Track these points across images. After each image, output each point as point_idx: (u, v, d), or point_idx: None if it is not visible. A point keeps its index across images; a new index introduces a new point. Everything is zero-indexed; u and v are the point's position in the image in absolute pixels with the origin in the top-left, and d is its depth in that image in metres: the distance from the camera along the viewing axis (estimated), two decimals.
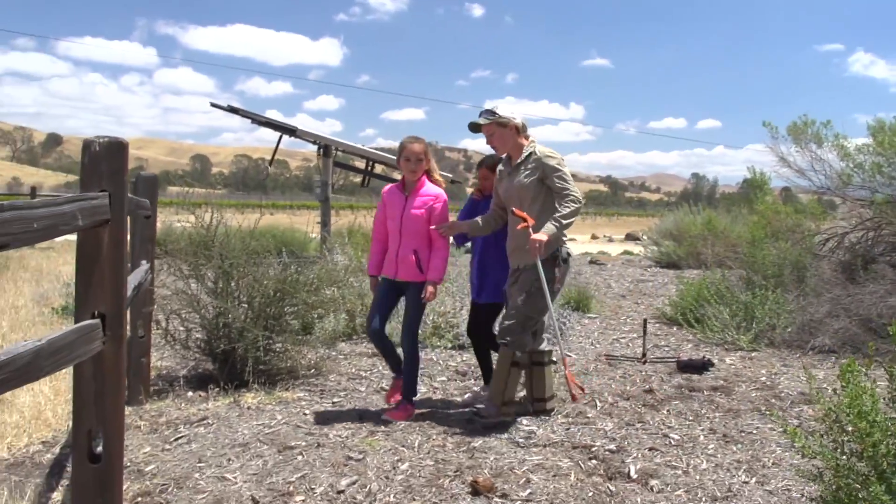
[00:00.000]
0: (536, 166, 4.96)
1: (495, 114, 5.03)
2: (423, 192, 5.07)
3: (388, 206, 5.15)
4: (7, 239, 2.11)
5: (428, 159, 5.11)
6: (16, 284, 11.40)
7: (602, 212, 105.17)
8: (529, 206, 4.95)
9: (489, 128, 5.02)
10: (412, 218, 5.02)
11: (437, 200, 5.07)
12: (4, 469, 4.15)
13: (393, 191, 5.21)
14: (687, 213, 16.52)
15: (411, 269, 5.04)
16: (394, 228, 5.10)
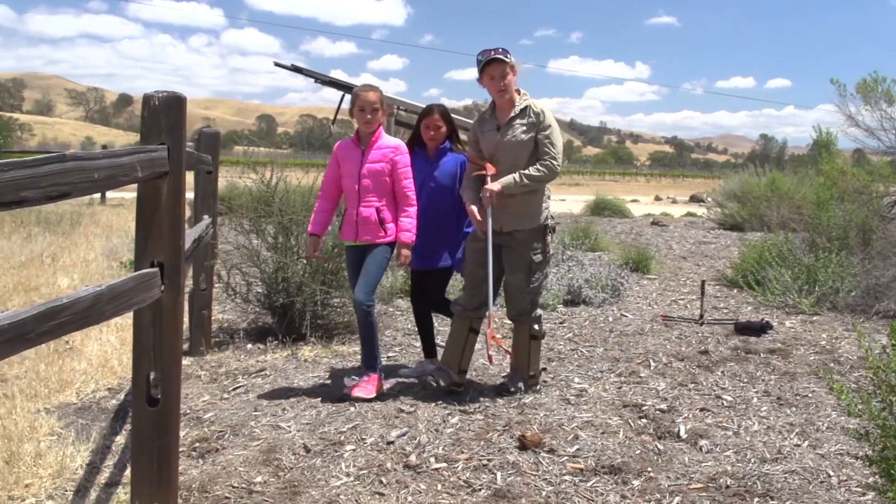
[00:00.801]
0: (535, 122, 4.56)
1: (510, 54, 4.56)
2: (381, 145, 4.64)
3: (343, 162, 4.71)
4: (68, 188, 2.20)
5: (384, 109, 4.68)
6: (87, 239, 11.78)
7: (667, 173, 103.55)
8: (525, 166, 4.57)
9: (505, 68, 4.54)
10: (371, 173, 4.59)
11: (398, 152, 4.64)
12: (72, 413, 4.34)
13: (347, 145, 4.75)
14: (752, 174, 16.16)
15: (373, 229, 4.60)
16: (351, 187, 4.66)
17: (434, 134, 4.93)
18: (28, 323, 2.01)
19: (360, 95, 4.59)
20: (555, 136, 4.60)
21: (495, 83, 4.54)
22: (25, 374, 4.93)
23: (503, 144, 4.58)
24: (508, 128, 4.59)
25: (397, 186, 4.63)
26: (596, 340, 6.09)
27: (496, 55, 4.50)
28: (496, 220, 4.56)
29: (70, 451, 3.71)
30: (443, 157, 4.97)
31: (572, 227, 11.88)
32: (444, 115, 4.97)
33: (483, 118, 4.77)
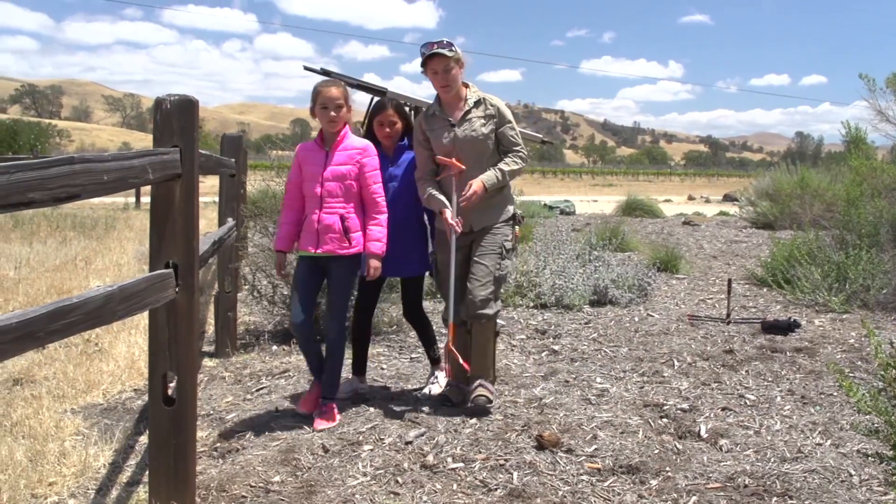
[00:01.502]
0: (493, 115, 4.35)
1: (454, 47, 4.25)
2: (347, 146, 4.22)
3: (306, 164, 4.27)
4: (77, 190, 2.24)
5: (349, 106, 4.23)
6: (121, 243, 11.97)
7: (701, 172, 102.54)
8: (487, 162, 4.35)
9: (449, 63, 4.24)
10: (336, 175, 4.17)
11: (366, 153, 4.23)
12: (98, 413, 4.41)
13: (310, 147, 4.34)
14: (784, 171, 15.96)
15: (336, 239, 4.17)
16: (312, 191, 4.21)
17: (389, 131, 4.52)
18: (37, 322, 2.05)
19: (322, 92, 4.18)
20: (516, 127, 4.46)
21: (439, 78, 4.27)
22: (54, 376, 5.02)
23: (463, 141, 4.30)
24: (465, 123, 4.33)
25: (365, 192, 4.23)
26: (620, 340, 6.05)
27: (439, 49, 4.19)
28: (465, 221, 4.32)
29: (93, 451, 3.77)
30: (403, 155, 4.59)
31: (601, 227, 11.81)
32: (399, 110, 4.57)
33: (430, 115, 4.42)
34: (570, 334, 6.24)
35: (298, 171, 4.30)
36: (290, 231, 4.32)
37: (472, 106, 4.33)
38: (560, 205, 21.47)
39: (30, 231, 12.94)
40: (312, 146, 4.32)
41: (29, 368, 5.16)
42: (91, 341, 5.87)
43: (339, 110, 4.17)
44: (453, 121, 4.32)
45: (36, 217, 14.41)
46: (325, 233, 4.15)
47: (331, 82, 4.25)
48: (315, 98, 4.21)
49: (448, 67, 4.23)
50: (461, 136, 4.29)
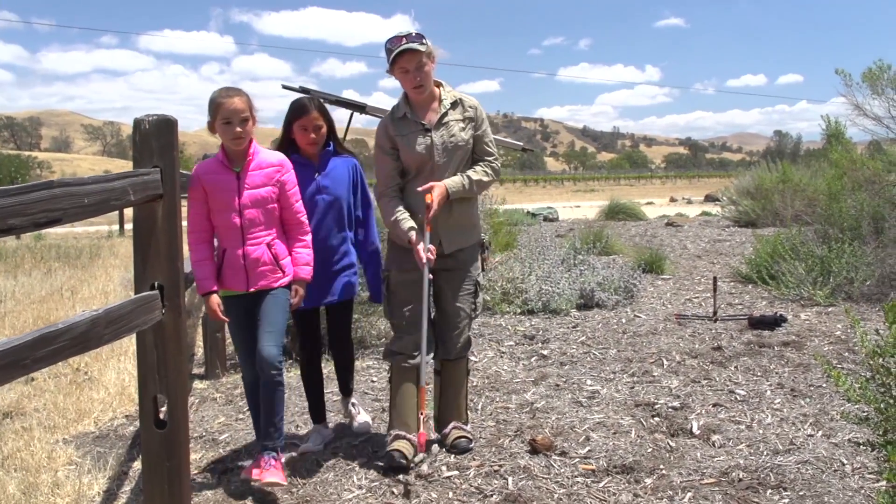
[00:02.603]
0: (472, 117, 3.81)
1: (425, 39, 3.65)
2: (261, 163, 3.62)
3: (213, 191, 3.58)
4: (58, 214, 2.23)
5: (254, 117, 3.60)
6: (106, 271, 11.92)
7: (682, 174, 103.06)
8: (463, 171, 3.83)
9: (422, 58, 3.63)
10: (256, 201, 3.57)
11: (284, 169, 3.67)
12: (91, 442, 4.39)
13: (213, 168, 3.61)
14: (764, 169, 16.08)
15: (268, 271, 3.62)
16: (229, 222, 3.57)
17: (315, 136, 3.91)
18: (22, 349, 2.04)
19: (224, 104, 3.51)
20: (491, 134, 3.97)
21: (410, 77, 3.65)
22: (44, 407, 5.00)
23: (441, 149, 3.73)
24: (443, 127, 3.75)
25: (287, 213, 3.69)
26: (609, 342, 6.07)
27: (409, 44, 3.58)
28: (433, 240, 3.75)
29: (87, 480, 3.76)
30: (329, 163, 4.01)
31: (584, 232, 11.86)
32: (323, 111, 3.96)
33: (398, 118, 3.79)
34: (559, 338, 6.26)
35: (204, 200, 3.60)
36: (209, 268, 3.60)
37: (448, 107, 3.78)
38: (543, 212, 21.51)
39: (14, 264, 12.87)
40: (216, 167, 3.61)
41: (18, 401, 5.13)
42: (80, 370, 5.84)
43: (244, 124, 3.53)
44: (428, 125, 3.74)
45: (20, 249, 14.35)
46: (254, 268, 3.59)
47: (232, 91, 3.57)
48: (215, 111, 3.54)
49: (421, 64, 3.63)
50: (439, 142, 3.72)
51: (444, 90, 3.83)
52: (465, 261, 3.88)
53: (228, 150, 3.59)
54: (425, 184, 3.68)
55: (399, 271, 3.80)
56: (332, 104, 16.01)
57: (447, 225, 3.80)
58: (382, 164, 3.82)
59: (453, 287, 3.86)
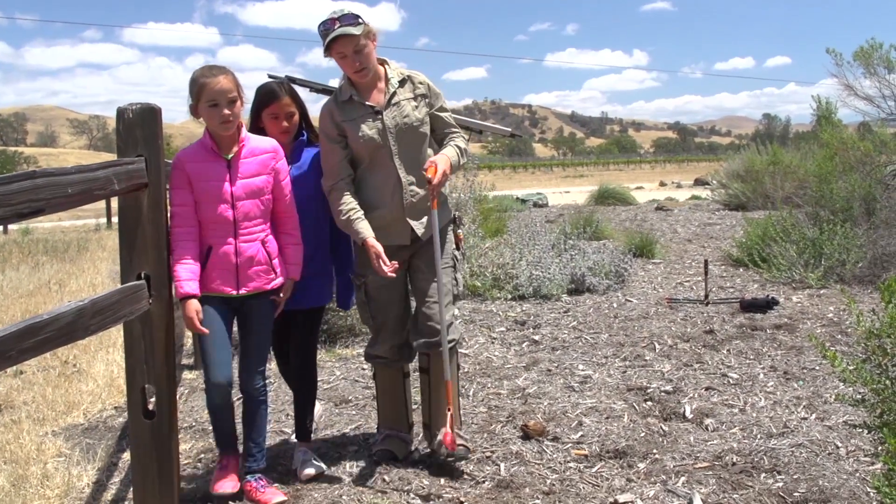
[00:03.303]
0: (424, 93, 3.50)
1: (360, 18, 3.30)
2: (254, 149, 3.26)
3: (200, 180, 3.16)
4: (41, 204, 2.20)
5: (242, 98, 3.20)
6: (94, 264, 11.85)
7: (671, 159, 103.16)
8: (425, 153, 3.52)
9: (359, 41, 3.28)
10: (251, 191, 3.20)
11: (278, 156, 3.32)
12: (80, 433, 4.35)
13: (199, 155, 3.20)
14: (754, 152, 16.07)
15: (262, 272, 3.25)
16: (220, 215, 3.16)
17: (287, 125, 3.50)
18: (7, 341, 2.01)
19: (208, 84, 3.10)
20: (448, 109, 3.64)
21: (349, 62, 3.31)
22: (33, 399, 4.96)
23: (395, 131, 3.40)
24: (393, 107, 3.42)
25: (280, 204, 3.34)
26: (600, 327, 6.06)
27: (342, 29, 3.23)
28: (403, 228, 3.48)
29: (77, 471, 3.73)
30: (303, 153, 3.61)
31: (574, 217, 11.85)
32: (294, 96, 3.57)
33: (343, 102, 3.43)
34: (550, 324, 6.24)
35: (190, 190, 3.16)
36: (194, 268, 3.12)
37: (396, 86, 3.46)
38: (532, 198, 21.49)
39: (1, 258, 12.78)
40: (203, 154, 3.21)
41: (7, 394, 5.09)
42: (69, 362, 5.80)
43: (232, 105, 3.13)
44: (377, 106, 3.40)
45: (7, 244, 14.26)
46: (247, 267, 3.21)
47: (217, 70, 3.15)
48: (198, 93, 3.12)
49: (359, 47, 3.28)
50: (391, 124, 3.39)
51: (389, 68, 3.50)
52: (441, 237, 3.53)
53: (216, 135, 3.19)
54: (381, 173, 3.40)
55: (376, 274, 3.34)
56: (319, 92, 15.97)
57: (415, 210, 3.46)
58: (330, 154, 3.42)
59: (430, 262, 3.47)
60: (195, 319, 3.09)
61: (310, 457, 3.56)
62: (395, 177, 3.40)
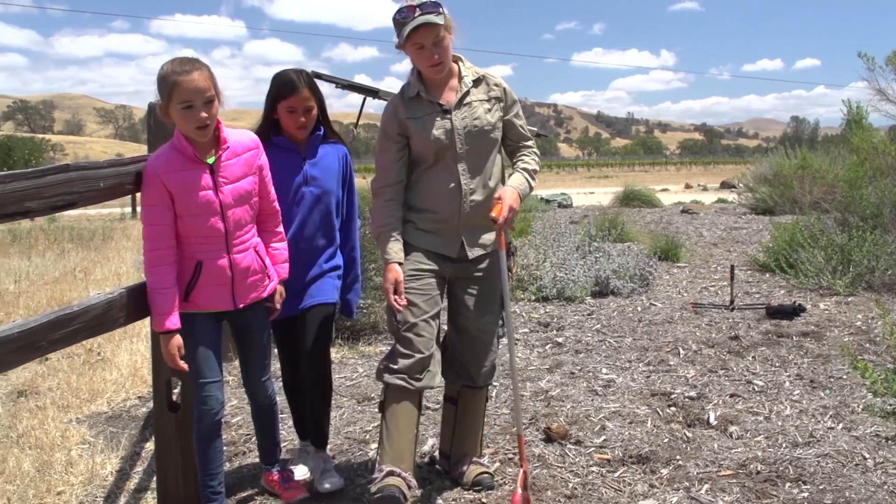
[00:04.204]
0: (499, 97, 3.19)
1: (442, 7, 2.99)
2: (236, 147, 2.88)
3: (182, 191, 2.73)
4: (74, 197, 2.22)
5: (220, 95, 2.77)
6: (119, 253, 11.94)
7: (697, 161, 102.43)
8: (494, 162, 3.21)
9: (440, 31, 2.98)
10: (239, 196, 2.85)
11: (259, 150, 2.98)
12: (103, 422, 4.40)
13: (177, 164, 2.73)
14: (782, 156, 15.91)
15: (258, 281, 2.98)
16: (210, 228, 2.79)
17: (305, 119, 3.25)
18: (38, 331, 2.03)
19: (181, 83, 2.64)
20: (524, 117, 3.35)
21: (426, 54, 3.00)
22: (58, 386, 5.01)
23: (465, 133, 3.10)
24: (466, 109, 3.13)
25: (265, 202, 3.02)
26: (624, 330, 6.02)
27: (424, 15, 2.92)
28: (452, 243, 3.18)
29: (100, 459, 3.77)
30: (320, 149, 3.38)
31: (599, 218, 11.79)
32: (314, 89, 3.29)
33: (411, 98, 3.14)
34: (574, 326, 6.21)
35: (169, 204, 2.73)
36: (177, 299, 2.76)
37: (470, 85, 3.16)
38: (557, 198, 21.42)
39: (28, 244, 12.92)
40: (180, 161, 2.75)
41: (33, 380, 5.15)
42: (93, 351, 5.85)
43: (209, 107, 2.70)
44: (447, 105, 3.11)
45: (34, 230, 14.40)
46: (243, 279, 2.90)
47: (189, 66, 2.67)
48: (169, 92, 2.66)
49: (438, 38, 2.98)
50: (461, 125, 3.09)
51: (463, 66, 3.20)
52: (490, 268, 3.23)
53: (191, 136, 2.74)
54: (443, 175, 3.10)
55: (411, 275, 3.08)
56: (345, 89, 15.93)
57: (471, 222, 3.16)
58: (384, 153, 3.15)
59: (476, 301, 3.23)
60: (177, 357, 2.74)
61: (330, 466, 3.43)
62: (457, 182, 3.09)
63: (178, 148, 2.74)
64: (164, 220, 2.72)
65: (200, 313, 2.87)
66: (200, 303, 2.84)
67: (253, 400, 3.21)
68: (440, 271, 3.15)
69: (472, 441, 3.42)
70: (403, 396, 3.06)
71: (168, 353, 2.73)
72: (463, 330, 3.27)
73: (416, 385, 3.05)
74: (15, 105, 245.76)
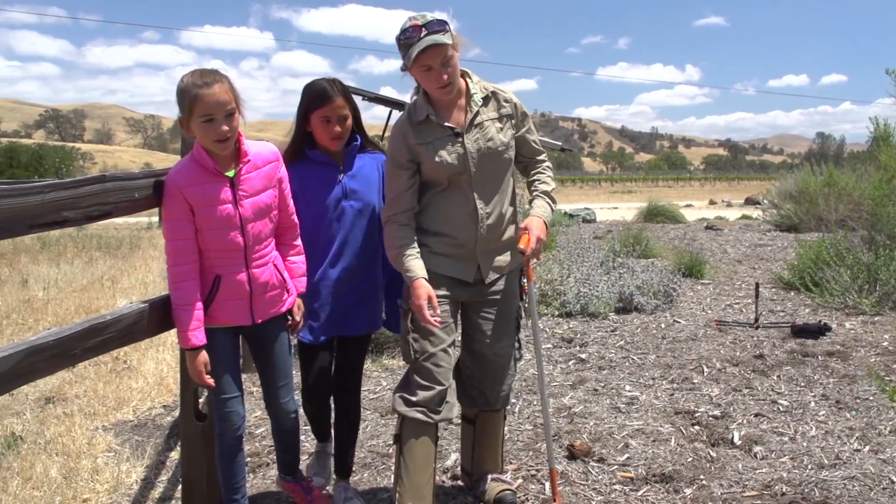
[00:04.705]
0: (509, 114, 3.06)
1: (448, 25, 2.83)
2: (256, 160, 2.82)
3: (204, 208, 2.68)
4: (109, 208, 2.26)
5: (241, 108, 2.72)
6: (146, 262, 12.05)
7: (721, 176, 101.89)
8: (508, 181, 3.09)
9: (448, 51, 2.81)
10: (259, 210, 2.79)
11: (279, 163, 2.92)
12: (129, 430, 4.43)
13: (196, 175, 2.69)
14: (808, 172, 15.80)
15: (277, 296, 2.91)
16: (230, 242, 2.74)
17: (340, 129, 3.05)
18: (72, 340, 2.07)
19: (202, 96, 2.59)
20: (535, 130, 3.21)
21: (435, 75, 2.83)
22: (85, 393, 5.06)
23: (478, 156, 2.95)
24: (477, 131, 2.98)
25: (283, 215, 2.95)
26: (648, 347, 6.00)
27: (431, 35, 2.76)
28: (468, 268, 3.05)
29: (125, 467, 3.80)
30: (357, 160, 3.18)
31: (623, 234, 11.76)
32: (348, 97, 3.09)
33: (419, 122, 2.96)
34: (597, 342, 6.20)
35: (190, 218, 2.68)
36: (202, 313, 2.73)
37: (480, 104, 3.00)
38: (581, 213, 21.39)
39: (57, 252, 13.07)
40: (200, 174, 2.70)
41: (60, 387, 5.20)
42: (120, 359, 5.91)
43: (230, 119, 2.65)
44: (458, 128, 2.96)
45: (62, 238, 14.57)
46: (262, 294, 2.85)
47: (210, 79, 2.62)
48: (190, 105, 2.60)
49: (447, 58, 2.82)
50: (474, 149, 2.94)
51: (471, 82, 3.02)
52: (506, 290, 3.16)
53: (211, 149, 2.70)
54: (457, 199, 2.97)
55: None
56: (371, 101, 16.05)
57: (487, 246, 3.04)
58: (394, 180, 2.98)
59: (493, 325, 3.14)
60: (203, 373, 2.72)
61: (352, 495, 3.32)
62: (473, 206, 2.96)
63: (199, 161, 2.69)
64: (186, 234, 2.67)
65: (218, 328, 2.82)
66: (219, 318, 2.79)
67: (274, 419, 3.11)
68: (455, 297, 3.05)
69: (493, 459, 3.37)
70: (422, 430, 2.97)
71: (194, 369, 2.70)
72: (479, 355, 3.18)
73: (435, 418, 2.96)
74: (46, 114, 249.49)
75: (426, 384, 2.94)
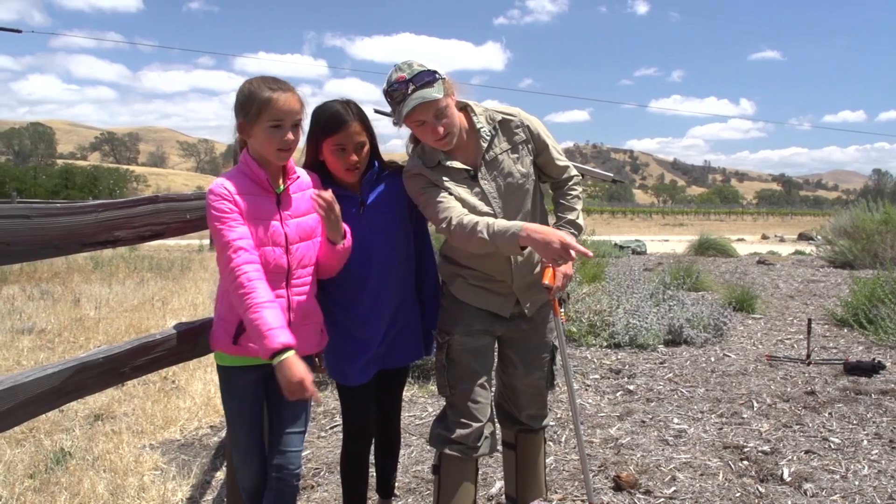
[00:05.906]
0: (524, 139, 2.88)
1: (437, 73, 2.65)
2: (301, 183, 2.68)
3: (251, 220, 2.49)
4: (161, 228, 2.31)
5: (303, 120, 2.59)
6: (196, 284, 12.23)
7: (774, 211, 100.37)
8: (533, 205, 2.93)
9: (440, 104, 2.64)
10: (304, 231, 2.63)
11: (318, 186, 2.72)
12: (176, 449, 4.49)
13: (247, 188, 2.52)
14: (864, 209, 15.50)
15: (315, 332, 2.74)
16: (274, 262, 2.53)
17: (357, 158, 2.75)
18: (122, 357, 2.11)
19: (276, 101, 2.46)
20: (555, 142, 2.99)
21: (430, 129, 2.67)
22: (133, 412, 5.14)
23: (498, 196, 2.83)
24: (494, 166, 2.83)
25: None
26: (697, 380, 5.90)
27: (419, 91, 2.60)
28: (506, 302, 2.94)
29: (171, 486, 3.84)
30: (376, 188, 2.89)
31: (673, 266, 11.63)
32: (364, 121, 2.79)
33: (432, 168, 2.80)
34: (645, 374, 6.12)
35: (241, 224, 2.46)
36: (279, 312, 2.40)
37: (489, 138, 2.83)
38: (631, 244, 21.23)
39: (109, 272, 13.35)
40: (250, 186, 2.53)
41: (109, 404, 5.29)
42: (168, 378, 5.99)
43: (297, 129, 2.53)
44: (471, 169, 2.81)
45: (115, 259, 14.88)
46: (301, 324, 2.62)
47: (284, 86, 2.51)
48: (260, 109, 2.46)
49: (440, 110, 2.64)
50: (492, 188, 2.82)
51: (475, 116, 2.84)
52: (541, 321, 3.05)
53: (265, 163, 2.55)
54: None
55: (465, 335, 2.86)
56: None
57: (525, 279, 2.92)
58: (435, 199, 2.74)
59: (526, 358, 3.05)
60: (307, 380, 2.30)
61: None
62: None
63: (248, 173, 2.52)
64: (246, 232, 2.43)
65: (238, 366, 2.58)
66: (251, 349, 2.48)
67: (279, 469, 2.68)
68: (493, 331, 2.94)
69: (536, 485, 3.27)
70: (461, 466, 2.91)
71: (294, 379, 2.27)
72: (510, 387, 3.11)
73: (474, 455, 2.88)
74: (102, 136, 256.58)
75: (464, 421, 2.85)
